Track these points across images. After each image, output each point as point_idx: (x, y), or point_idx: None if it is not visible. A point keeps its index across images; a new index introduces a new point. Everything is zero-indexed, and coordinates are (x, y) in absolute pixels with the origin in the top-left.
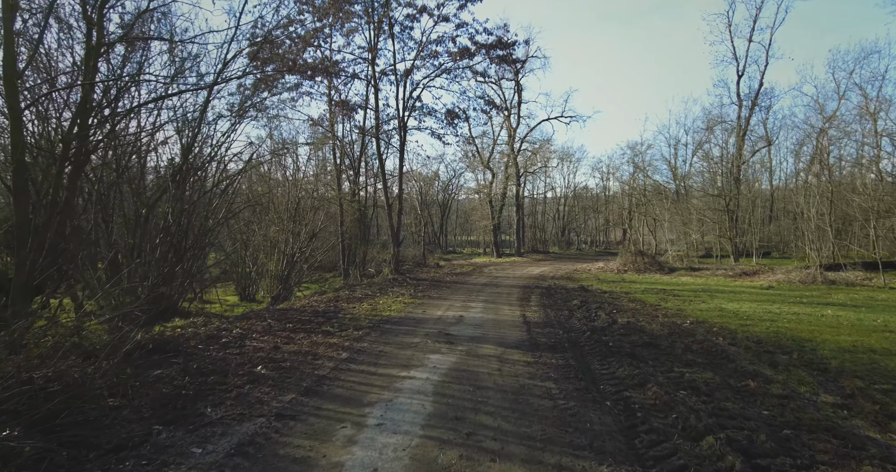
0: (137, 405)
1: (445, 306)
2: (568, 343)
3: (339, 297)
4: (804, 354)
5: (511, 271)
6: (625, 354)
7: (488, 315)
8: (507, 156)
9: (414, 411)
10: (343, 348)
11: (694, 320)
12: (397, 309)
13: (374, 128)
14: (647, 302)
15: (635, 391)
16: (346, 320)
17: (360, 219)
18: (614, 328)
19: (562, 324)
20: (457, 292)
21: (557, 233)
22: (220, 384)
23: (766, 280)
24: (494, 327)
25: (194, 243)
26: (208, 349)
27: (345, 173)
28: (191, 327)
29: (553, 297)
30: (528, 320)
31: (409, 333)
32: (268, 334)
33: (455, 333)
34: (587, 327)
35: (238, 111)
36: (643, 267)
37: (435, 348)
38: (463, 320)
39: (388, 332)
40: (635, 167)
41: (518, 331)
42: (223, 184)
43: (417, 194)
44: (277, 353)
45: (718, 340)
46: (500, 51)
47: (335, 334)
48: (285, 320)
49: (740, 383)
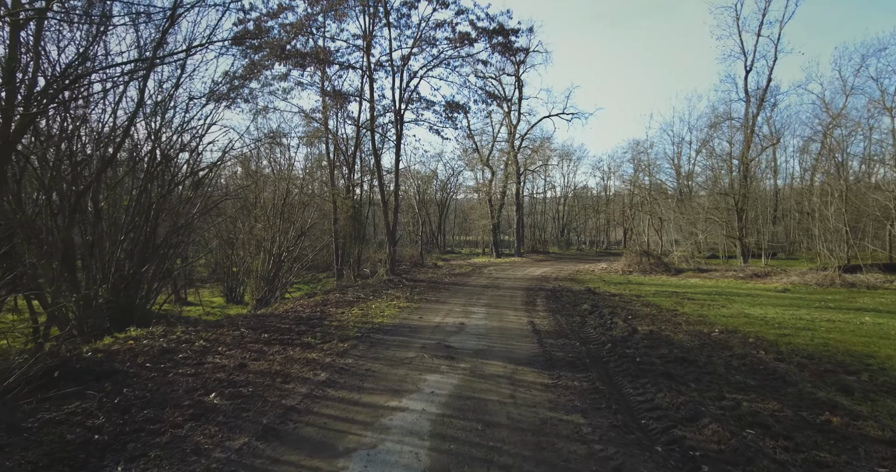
0: (13, 464)
1: (444, 312)
2: (588, 358)
3: (328, 300)
4: (875, 374)
5: (512, 271)
6: (658, 373)
7: (492, 322)
8: (507, 154)
9: (405, 465)
10: (323, 367)
11: (723, 329)
12: (391, 315)
13: (369, 120)
14: (663, 307)
15: (688, 429)
16: (332, 328)
17: (354, 217)
18: (636, 339)
19: (576, 333)
20: (456, 294)
21: (557, 233)
22: (152, 422)
23: (780, 282)
24: (501, 338)
25: (166, 240)
26: (157, 369)
27: (339, 170)
28: (147, 338)
29: (560, 300)
30: (537, 327)
31: (404, 345)
32: (236, 348)
33: (456, 344)
34: (606, 338)
35: (214, 96)
36: (649, 268)
37: (433, 366)
38: (464, 329)
39: (378, 344)
40: (636, 166)
41: (528, 342)
42: (200, 174)
43: (415, 193)
44: (241, 373)
45: (761, 354)
46: (502, 37)
47: (316, 348)
48: (262, 328)
49: (817, 417)
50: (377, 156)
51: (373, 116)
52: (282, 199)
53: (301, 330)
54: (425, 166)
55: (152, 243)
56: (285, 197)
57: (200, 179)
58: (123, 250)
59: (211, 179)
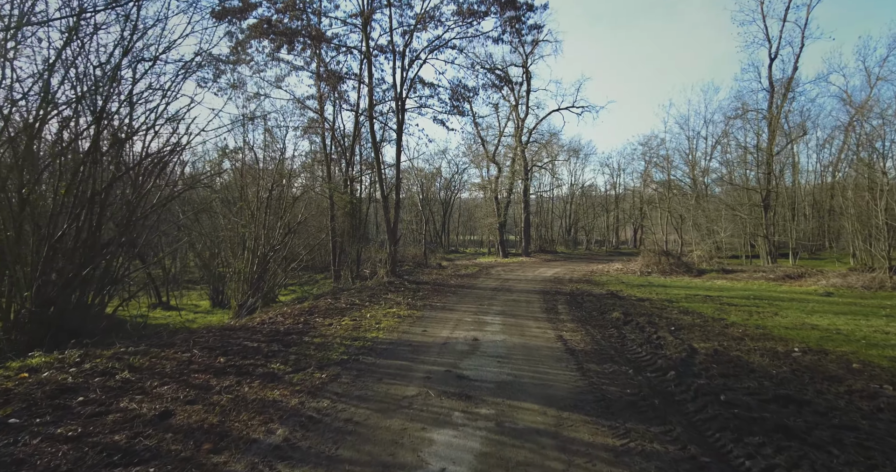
0: None
1: (453, 322)
2: (655, 396)
3: (317, 307)
4: None
5: (521, 272)
6: (769, 426)
7: (513, 338)
8: (514, 149)
9: None
10: (284, 415)
11: (803, 347)
12: (388, 327)
13: (368, 107)
14: (706, 315)
15: None
16: (312, 348)
17: (352, 213)
18: (700, 362)
19: (620, 353)
20: (464, 299)
21: (564, 232)
22: None
23: (819, 285)
24: (528, 361)
25: (119, 236)
26: (23, 428)
27: (336, 164)
28: (53, 367)
29: (583, 307)
30: (569, 345)
31: (402, 374)
32: (174, 381)
33: (471, 373)
34: (662, 361)
35: (185, 69)
36: (669, 269)
37: (442, 414)
38: (479, 347)
39: (368, 372)
40: (647, 162)
41: (565, 369)
42: (164, 154)
43: (419, 191)
44: (154, 432)
45: (888, 389)
46: (514, 11)
47: (283, 380)
48: (221, 348)
49: None
50: (376, 146)
51: (371, 101)
52: (267, 190)
53: (271, 351)
54: (429, 164)
55: (96, 241)
56: (271, 189)
57: (160, 164)
58: (59, 249)
59: (174, 164)
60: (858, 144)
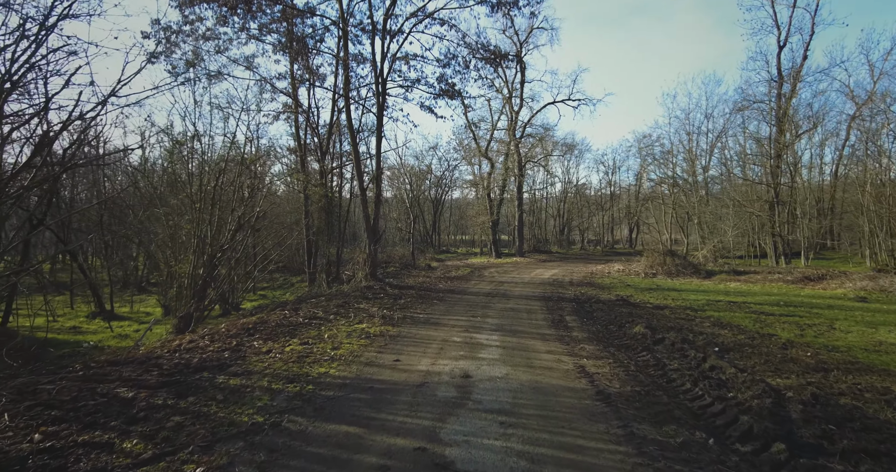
0: None
1: (437, 345)
2: None
3: (265, 323)
4: None
5: (517, 274)
6: None
7: (518, 372)
8: (507, 144)
9: None
10: None
11: None
12: (349, 355)
13: (344, 85)
14: (747, 329)
15: None
16: (217, 399)
17: (327, 208)
18: (799, 416)
19: (674, 398)
20: (454, 308)
21: (558, 232)
22: None
23: (845, 288)
24: (545, 420)
25: None
26: None
27: (313, 154)
28: None
29: (594, 317)
30: (597, 383)
31: (343, 458)
32: None
33: (458, 456)
34: (738, 411)
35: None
36: (674, 270)
37: None
38: (472, 392)
39: (284, 456)
40: (642, 159)
41: (606, 438)
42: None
43: (409, 189)
44: None
45: None
46: None
47: None
48: (68, 404)
49: None
50: (352, 131)
51: (347, 78)
52: (213, 179)
53: (148, 408)
54: (419, 160)
55: None
56: (219, 177)
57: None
58: None
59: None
60: (867, 140)
